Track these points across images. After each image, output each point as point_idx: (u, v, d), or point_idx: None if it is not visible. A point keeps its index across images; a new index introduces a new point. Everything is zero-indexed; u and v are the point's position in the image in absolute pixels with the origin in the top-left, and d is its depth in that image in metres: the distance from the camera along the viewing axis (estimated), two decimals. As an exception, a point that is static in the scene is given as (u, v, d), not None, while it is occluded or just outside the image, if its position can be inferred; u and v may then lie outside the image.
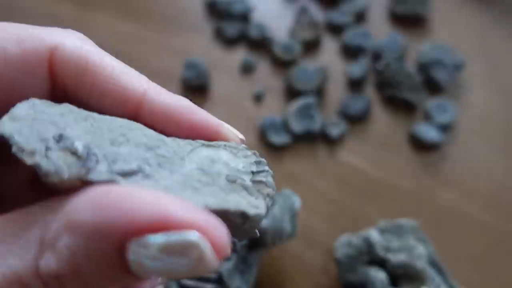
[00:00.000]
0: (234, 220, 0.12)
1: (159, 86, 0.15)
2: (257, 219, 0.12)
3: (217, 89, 0.37)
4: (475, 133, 0.36)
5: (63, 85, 0.14)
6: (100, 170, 0.12)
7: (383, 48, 0.38)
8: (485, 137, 0.36)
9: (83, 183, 0.11)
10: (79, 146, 0.12)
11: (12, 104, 0.13)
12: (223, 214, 0.12)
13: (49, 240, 0.11)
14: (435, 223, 0.32)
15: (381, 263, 0.27)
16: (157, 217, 0.10)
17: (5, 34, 0.13)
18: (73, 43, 0.14)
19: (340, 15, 0.40)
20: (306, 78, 0.37)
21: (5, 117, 0.12)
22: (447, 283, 0.27)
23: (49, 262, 0.11)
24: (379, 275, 0.26)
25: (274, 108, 0.36)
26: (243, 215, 0.12)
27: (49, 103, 0.13)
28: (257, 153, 0.14)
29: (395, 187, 0.33)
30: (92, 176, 0.11)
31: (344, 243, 0.28)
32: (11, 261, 0.11)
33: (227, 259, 0.26)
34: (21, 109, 0.12)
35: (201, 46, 0.39)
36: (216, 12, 0.40)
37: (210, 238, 0.10)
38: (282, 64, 0.38)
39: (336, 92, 0.37)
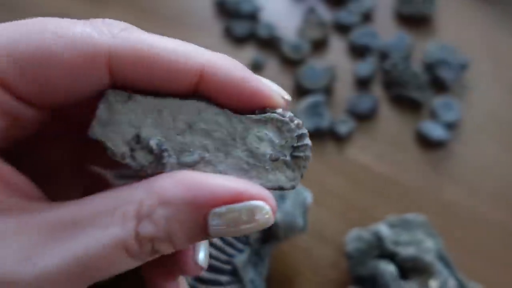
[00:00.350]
0: (275, 190, 0.16)
1: (218, 57, 0.15)
2: (291, 188, 0.16)
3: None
4: (480, 131, 0.36)
5: (123, 79, 0.15)
6: (172, 164, 0.15)
7: (390, 47, 0.39)
8: (490, 134, 0.36)
9: (161, 173, 0.14)
10: (153, 145, 0.15)
11: (80, 98, 0.15)
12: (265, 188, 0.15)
13: (144, 212, 0.14)
14: (441, 218, 0.33)
15: (391, 256, 0.28)
16: (234, 194, 0.14)
17: (60, 40, 0.14)
18: (126, 38, 0.15)
19: (347, 15, 0.41)
20: (314, 77, 0.37)
21: (94, 123, 0.15)
22: (454, 276, 0.28)
23: (147, 228, 0.14)
24: (389, 268, 0.27)
25: (283, 106, 0.37)
26: (281, 188, 0.16)
27: (121, 95, 0.15)
28: (301, 124, 0.16)
29: (402, 183, 0.34)
30: (166, 171, 0.15)
31: (355, 237, 0.29)
32: (113, 230, 0.13)
33: (241, 251, 0.27)
34: (102, 111, 0.15)
35: (210, 44, 0.40)
36: (225, 11, 0.41)
37: (269, 204, 0.15)
38: (290, 63, 0.39)
39: (344, 90, 0.38)
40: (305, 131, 0.16)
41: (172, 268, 0.19)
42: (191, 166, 0.15)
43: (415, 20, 0.41)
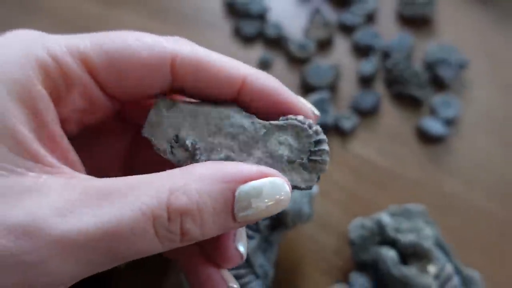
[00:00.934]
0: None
1: (258, 71, 0.18)
2: (307, 188, 0.18)
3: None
4: (477, 127, 0.38)
5: (182, 81, 0.18)
6: (203, 160, 0.18)
7: (392, 47, 0.41)
8: (487, 130, 0.38)
9: None
10: (189, 144, 0.18)
11: (143, 93, 0.18)
12: None
13: (178, 186, 0.15)
14: (440, 209, 0.34)
15: (392, 243, 0.30)
16: (256, 171, 0.16)
17: (139, 42, 0.18)
18: (187, 48, 0.18)
19: (351, 16, 0.42)
20: (319, 74, 0.39)
21: (146, 124, 0.18)
22: (451, 262, 0.30)
23: (179, 199, 0.15)
24: (390, 254, 0.29)
25: (290, 102, 0.39)
26: (296, 187, 0.18)
27: (168, 103, 0.18)
28: (319, 131, 0.18)
29: (403, 176, 0.36)
30: None
31: (358, 225, 0.31)
32: (146, 199, 0.15)
33: (252, 238, 0.29)
34: (152, 115, 0.18)
35: (220, 43, 0.42)
36: (234, 11, 0.43)
37: (287, 184, 0.17)
38: (297, 61, 0.40)
39: (348, 88, 0.40)
40: (323, 137, 0.18)
41: (213, 257, 0.20)
42: None
43: (416, 21, 0.43)
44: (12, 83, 0.15)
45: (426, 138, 0.38)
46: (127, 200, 0.15)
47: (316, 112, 0.19)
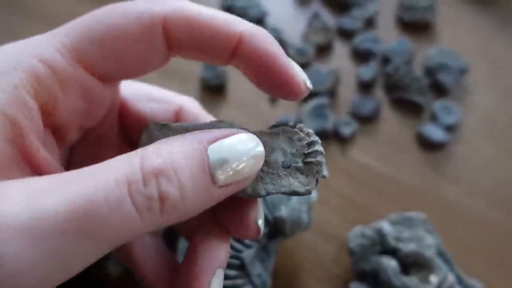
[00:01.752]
0: (290, 195, 0.17)
1: (255, 27, 0.18)
2: (307, 192, 0.17)
3: (235, 89, 0.39)
4: (478, 133, 0.38)
5: (177, 43, 0.17)
6: None
7: (392, 52, 0.40)
8: (488, 137, 0.38)
9: None
10: None
11: (139, 68, 0.18)
12: (278, 194, 0.17)
13: (150, 151, 0.15)
14: (441, 217, 0.34)
15: (392, 252, 0.29)
16: (224, 131, 0.16)
17: (126, 18, 0.16)
18: (176, 5, 0.17)
19: (351, 21, 0.42)
20: (319, 80, 0.39)
21: (139, 146, 0.19)
22: (453, 271, 0.29)
23: (152, 159, 0.14)
24: (391, 263, 0.28)
25: (288, 108, 0.38)
26: (295, 193, 0.17)
27: (157, 126, 0.19)
28: (311, 133, 0.18)
29: (403, 183, 0.35)
30: None
31: (358, 234, 0.30)
32: (119, 166, 0.14)
33: (249, 247, 0.28)
34: (144, 137, 0.19)
35: (218, 48, 0.41)
36: (232, 15, 0.42)
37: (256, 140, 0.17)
38: (296, 66, 0.40)
39: (348, 93, 0.39)
40: (315, 138, 0.18)
41: (231, 227, 0.19)
42: None
43: (416, 26, 0.43)
44: None
45: (427, 145, 0.37)
46: (101, 174, 0.14)
47: (309, 84, 0.18)
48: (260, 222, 0.19)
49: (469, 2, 0.45)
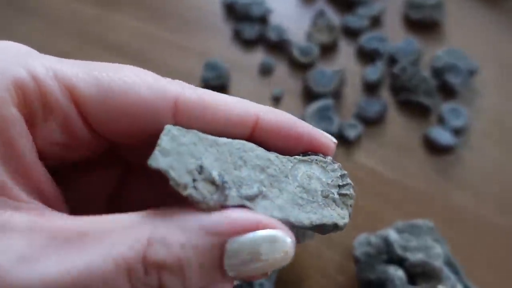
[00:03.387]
0: (328, 228, 0.16)
1: (269, 108, 0.17)
2: (343, 227, 0.16)
3: (237, 90, 0.38)
4: (487, 137, 0.37)
5: (186, 124, 0.16)
6: (233, 196, 0.14)
7: (399, 52, 0.39)
8: (498, 140, 0.37)
9: (220, 207, 0.14)
10: (216, 176, 0.15)
11: (144, 134, 0.16)
12: (322, 226, 0.16)
13: (159, 237, 0.13)
14: (448, 224, 0.33)
15: (399, 261, 0.28)
16: (253, 221, 0.14)
17: (138, 78, 0.16)
18: (190, 90, 0.16)
19: (356, 19, 0.41)
20: (323, 80, 0.37)
21: (156, 152, 0.14)
22: (462, 282, 0.28)
23: (158, 251, 0.13)
24: (397, 273, 0.27)
25: (292, 110, 0.37)
26: (335, 226, 0.16)
27: (182, 130, 0.15)
28: (341, 166, 0.17)
29: (410, 188, 0.34)
30: (228, 202, 0.14)
31: (363, 242, 0.29)
32: (121, 248, 0.13)
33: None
34: (166, 142, 0.15)
35: (220, 47, 0.40)
36: (234, 14, 0.41)
37: (289, 237, 0.14)
38: (299, 67, 0.39)
39: (353, 94, 0.38)
40: (345, 172, 0.17)
41: None
42: (251, 199, 0.15)
43: (423, 25, 0.42)
44: None
45: (434, 148, 0.36)
46: (101, 247, 0.13)
47: (334, 140, 0.18)
48: None
49: (478, 0, 0.43)
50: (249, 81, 0.38)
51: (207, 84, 0.37)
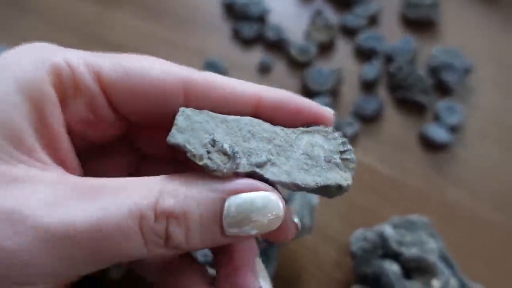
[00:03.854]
0: (332, 190, 0.17)
1: (270, 87, 0.19)
2: (347, 188, 0.18)
3: (235, 88, 0.38)
4: (482, 135, 0.37)
5: (195, 102, 0.18)
6: (244, 164, 0.16)
7: (395, 51, 0.39)
8: (493, 138, 0.37)
9: (234, 174, 0.16)
10: (227, 147, 0.17)
11: (159, 115, 0.18)
12: (325, 187, 0.17)
13: (169, 190, 0.15)
14: (444, 220, 0.33)
15: (395, 256, 0.29)
16: (249, 184, 0.16)
17: (153, 64, 0.18)
18: (197, 72, 0.18)
19: (354, 18, 0.41)
20: (321, 79, 0.38)
21: (174, 129, 0.17)
22: (456, 276, 0.29)
23: (167, 201, 0.15)
24: (392, 268, 0.28)
25: (290, 108, 0.37)
26: (339, 187, 0.17)
27: (195, 111, 0.17)
28: (341, 134, 0.19)
29: (406, 185, 0.35)
30: (240, 169, 0.16)
31: (360, 237, 0.30)
32: (135, 198, 0.15)
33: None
34: (181, 121, 0.17)
35: (218, 46, 0.41)
36: (233, 13, 0.42)
37: (282, 204, 0.16)
38: (297, 65, 0.39)
39: (350, 93, 0.39)
40: (346, 139, 0.19)
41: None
42: (260, 166, 0.17)
43: (420, 24, 0.42)
44: (23, 80, 0.16)
45: (430, 146, 0.36)
46: (118, 198, 0.15)
47: (332, 111, 0.20)
48: (296, 219, 0.19)
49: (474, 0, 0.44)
50: (247, 79, 0.38)
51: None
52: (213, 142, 0.17)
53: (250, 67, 0.39)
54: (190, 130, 0.17)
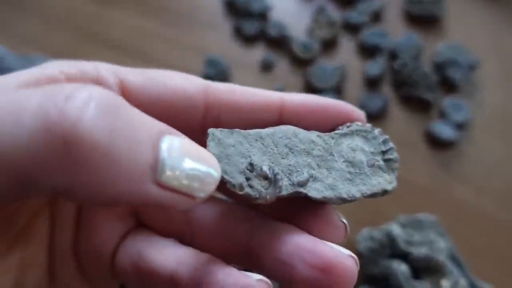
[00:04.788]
0: (378, 195, 0.16)
1: (289, 93, 0.18)
2: (393, 191, 0.16)
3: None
4: (489, 131, 0.37)
5: (217, 111, 0.17)
6: (286, 185, 0.15)
7: (400, 47, 0.39)
8: (500, 135, 0.36)
9: (278, 197, 0.15)
10: (266, 170, 0.15)
11: (178, 122, 0.17)
12: (373, 195, 0.16)
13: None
14: (451, 218, 0.33)
15: (403, 256, 0.28)
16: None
17: (174, 73, 0.17)
18: (218, 83, 0.18)
19: (357, 15, 0.41)
20: (324, 76, 0.37)
21: None
22: (465, 276, 0.28)
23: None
24: (401, 268, 0.27)
25: (293, 106, 0.37)
26: (385, 192, 0.16)
27: (224, 132, 0.16)
28: (381, 131, 0.17)
29: (412, 183, 0.34)
30: (283, 193, 0.15)
31: (367, 237, 0.29)
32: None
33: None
34: (213, 148, 0.15)
35: (220, 43, 0.40)
36: (234, 10, 0.41)
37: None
38: (300, 63, 0.39)
39: (354, 90, 0.38)
40: (387, 136, 0.17)
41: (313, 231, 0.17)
42: (303, 184, 0.15)
43: (424, 20, 0.41)
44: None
45: (436, 143, 0.36)
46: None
47: (363, 113, 0.18)
48: (344, 219, 0.18)
49: (478, -5, 0.43)
50: (250, 77, 0.38)
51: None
52: (251, 167, 0.15)
53: (252, 64, 0.39)
54: (224, 157, 0.15)
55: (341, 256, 0.14)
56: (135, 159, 0.11)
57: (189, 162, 0.12)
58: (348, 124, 0.17)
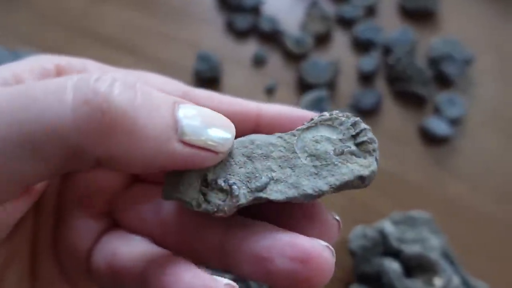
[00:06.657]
0: (355, 184, 0.15)
1: (266, 103, 0.19)
2: (372, 175, 0.15)
3: (229, 81, 0.37)
4: (484, 127, 0.36)
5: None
6: (244, 193, 0.15)
7: (394, 42, 0.38)
8: (495, 130, 0.36)
9: (238, 207, 0.15)
10: (221, 183, 0.15)
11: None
12: (345, 185, 0.15)
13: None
14: (445, 215, 0.32)
15: (395, 254, 0.28)
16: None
17: (156, 77, 0.18)
18: (199, 90, 0.18)
19: (351, 9, 0.40)
20: (317, 71, 0.37)
21: (165, 187, 0.15)
22: (459, 274, 0.28)
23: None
24: (393, 266, 0.27)
25: (286, 101, 0.36)
26: (361, 178, 0.15)
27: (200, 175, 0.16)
28: (350, 115, 0.16)
29: (406, 179, 0.34)
30: (242, 201, 0.15)
31: (359, 234, 0.29)
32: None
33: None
34: (169, 177, 0.15)
35: (212, 38, 0.39)
36: (227, 4, 0.40)
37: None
38: (293, 57, 0.38)
39: (348, 85, 0.37)
40: (357, 119, 0.16)
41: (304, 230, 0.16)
42: (262, 189, 0.15)
43: (419, 15, 0.41)
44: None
45: (430, 139, 0.35)
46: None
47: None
48: (337, 216, 0.17)
49: (474, -12, 0.43)
50: (242, 72, 0.38)
51: (199, 76, 0.36)
52: (205, 183, 0.15)
53: (245, 60, 0.38)
54: (179, 181, 0.15)
55: (320, 248, 0.14)
56: (157, 122, 0.13)
57: (203, 122, 0.14)
58: (313, 118, 0.16)
